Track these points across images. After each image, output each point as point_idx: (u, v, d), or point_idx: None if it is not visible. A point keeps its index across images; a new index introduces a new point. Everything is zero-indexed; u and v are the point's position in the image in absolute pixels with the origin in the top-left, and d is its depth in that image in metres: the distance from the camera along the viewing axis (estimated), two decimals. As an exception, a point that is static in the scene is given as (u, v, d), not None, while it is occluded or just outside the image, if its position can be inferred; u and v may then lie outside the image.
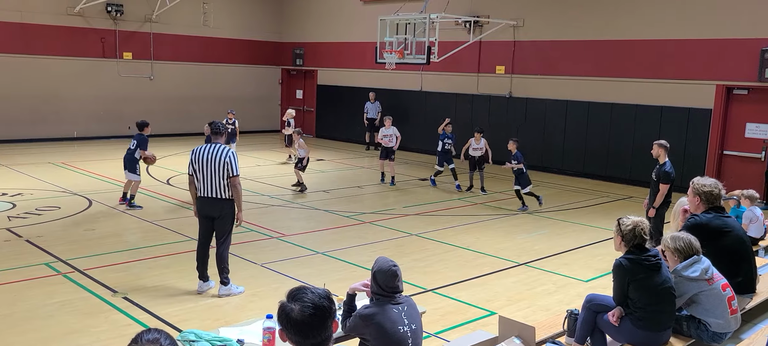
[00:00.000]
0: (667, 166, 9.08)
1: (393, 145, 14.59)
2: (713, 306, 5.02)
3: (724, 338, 5.11)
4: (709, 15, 14.66)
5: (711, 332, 5.04)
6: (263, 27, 24.61)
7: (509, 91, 18.32)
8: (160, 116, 22.02)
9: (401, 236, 10.32)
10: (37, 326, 6.29)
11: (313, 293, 2.73)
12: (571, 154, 17.08)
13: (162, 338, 2.31)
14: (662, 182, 9.03)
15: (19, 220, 10.39)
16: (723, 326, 5.03)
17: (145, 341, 2.29)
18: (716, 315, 5.01)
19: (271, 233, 10.25)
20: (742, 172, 14.34)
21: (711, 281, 5.05)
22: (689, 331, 5.10)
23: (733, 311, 5.09)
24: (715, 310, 5.02)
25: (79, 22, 20.05)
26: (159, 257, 8.74)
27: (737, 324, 5.17)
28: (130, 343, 2.30)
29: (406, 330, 4.09)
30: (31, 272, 7.87)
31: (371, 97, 20.55)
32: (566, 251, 9.73)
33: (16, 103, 19.29)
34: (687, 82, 15.06)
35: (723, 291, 5.07)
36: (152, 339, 2.30)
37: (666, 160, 9.14)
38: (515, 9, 17.90)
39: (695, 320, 5.08)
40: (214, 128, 7.45)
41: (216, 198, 7.15)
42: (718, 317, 5.01)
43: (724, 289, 5.09)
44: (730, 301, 5.07)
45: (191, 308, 6.91)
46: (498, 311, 6.60)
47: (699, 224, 5.71)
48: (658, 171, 9.16)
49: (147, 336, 2.31)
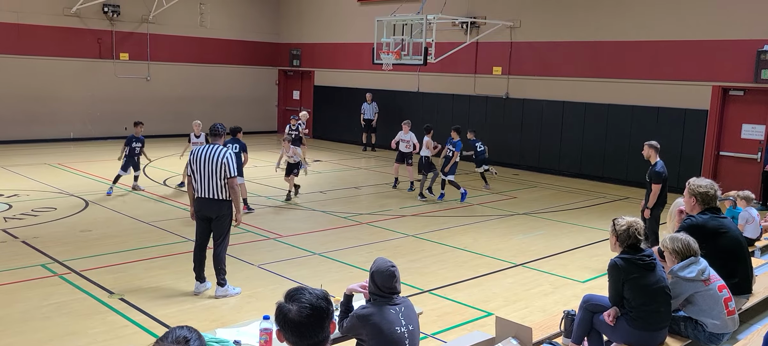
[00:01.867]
0: (658, 166, 9.12)
1: (411, 150, 13.97)
2: (709, 307, 5.03)
3: (721, 340, 5.12)
4: (705, 16, 14.70)
5: (707, 333, 5.05)
6: (260, 28, 24.60)
7: (506, 92, 18.34)
8: (157, 117, 22.01)
9: (398, 237, 10.32)
10: (33, 328, 6.27)
11: (311, 293, 2.73)
12: (567, 155, 17.10)
13: (192, 337, 2.28)
14: (653, 182, 9.07)
15: (15, 221, 10.36)
16: (719, 327, 5.04)
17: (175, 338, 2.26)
18: (712, 316, 5.02)
19: (268, 233, 10.24)
20: (738, 173, 14.38)
21: (707, 282, 5.07)
22: (686, 331, 5.12)
23: (730, 312, 5.09)
24: (712, 311, 5.03)
25: (75, 23, 20.02)
26: (155, 258, 8.73)
27: (735, 325, 5.18)
28: (159, 339, 2.27)
29: (404, 331, 4.09)
30: (27, 274, 7.85)
31: (368, 98, 20.56)
32: (563, 252, 9.74)
33: (12, 104, 19.25)
34: (683, 83, 15.09)
35: (719, 292, 5.08)
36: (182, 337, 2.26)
37: (657, 161, 9.16)
38: (512, 10, 17.92)
39: (692, 321, 5.10)
40: (213, 130, 7.46)
41: (214, 199, 7.15)
42: (715, 318, 5.02)
43: (721, 290, 5.10)
44: (726, 302, 5.08)
45: (188, 309, 6.91)
46: (495, 312, 6.61)
47: (695, 224, 5.72)
48: (650, 172, 9.20)
49: (177, 333, 2.28)
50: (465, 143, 13.85)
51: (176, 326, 2.33)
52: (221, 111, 22.28)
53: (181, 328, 2.32)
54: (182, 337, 2.26)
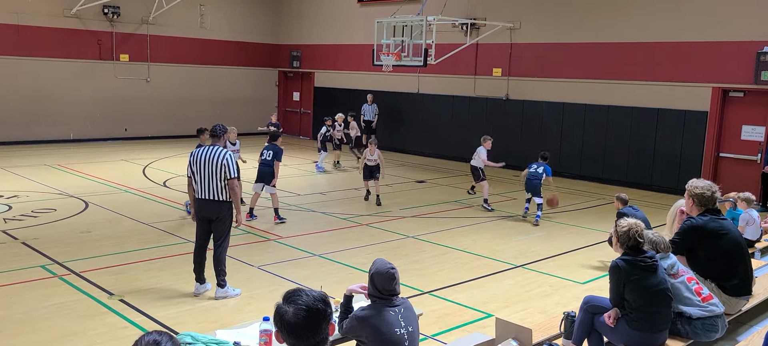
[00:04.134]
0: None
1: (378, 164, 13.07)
2: (681, 295, 5.14)
3: (716, 328, 5.17)
4: (705, 17, 14.70)
5: (695, 321, 5.11)
6: (260, 29, 24.61)
7: (506, 93, 18.34)
8: (157, 118, 22.06)
9: (398, 239, 10.31)
10: (32, 329, 6.27)
11: (308, 295, 2.72)
12: (567, 156, 17.09)
13: (163, 340, 2.29)
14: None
15: (15, 222, 10.36)
16: (703, 312, 5.10)
17: (145, 343, 2.27)
18: (687, 303, 5.13)
19: (268, 235, 10.24)
20: (739, 174, 14.38)
21: (676, 275, 5.19)
22: (682, 328, 5.14)
23: (706, 297, 5.19)
24: (685, 299, 5.14)
25: (75, 24, 20.02)
26: (155, 259, 8.72)
27: (719, 308, 5.23)
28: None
29: (403, 333, 4.08)
30: (26, 275, 7.85)
31: (369, 99, 20.53)
32: (563, 253, 9.74)
33: (12, 105, 19.24)
34: (683, 85, 15.10)
35: (688, 282, 5.23)
36: (152, 341, 2.28)
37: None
38: (512, 11, 17.92)
39: (679, 315, 5.14)
40: (213, 131, 7.46)
41: (214, 200, 7.15)
42: (690, 305, 5.12)
43: (690, 281, 5.25)
44: (698, 292, 5.20)
45: (188, 311, 6.90)
46: (495, 313, 6.60)
47: (695, 226, 5.72)
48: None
49: (146, 339, 2.30)
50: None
51: (146, 333, 2.34)
52: (221, 112, 22.31)
53: (150, 333, 2.33)
54: (152, 341, 2.27)
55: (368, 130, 20.58)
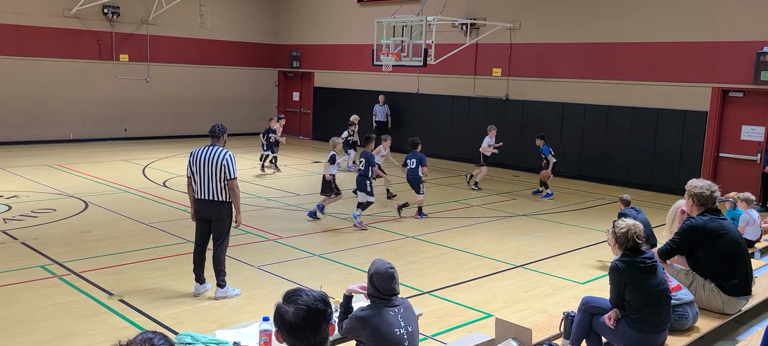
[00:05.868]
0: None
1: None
2: None
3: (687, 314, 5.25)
4: (705, 17, 14.70)
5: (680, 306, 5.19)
6: (260, 29, 24.61)
7: (506, 93, 18.34)
8: (157, 119, 22.06)
9: (398, 239, 10.32)
10: (32, 329, 6.27)
11: (308, 295, 2.72)
12: (567, 156, 17.09)
13: (156, 338, 2.29)
14: None
15: (15, 222, 10.36)
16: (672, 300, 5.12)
17: (138, 342, 2.27)
18: None
19: (268, 235, 10.24)
20: (738, 174, 14.38)
21: None
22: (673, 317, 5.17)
23: (674, 288, 5.24)
24: None
25: (75, 24, 20.02)
26: (155, 259, 8.72)
27: (690, 296, 5.34)
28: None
29: (403, 333, 4.09)
30: (26, 275, 7.85)
31: (381, 99, 20.40)
32: (562, 253, 9.74)
33: (11, 105, 19.24)
34: (683, 85, 15.10)
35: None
36: (145, 339, 2.28)
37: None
38: (512, 11, 17.93)
39: None
40: (212, 131, 7.44)
41: (213, 200, 7.15)
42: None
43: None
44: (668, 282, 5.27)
45: (188, 311, 6.90)
46: (494, 314, 6.60)
47: (695, 226, 5.72)
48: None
49: (140, 337, 2.30)
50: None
51: (140, 333, 2.34)
52: (221, 112, 22.32)
53: (145, 332, 2.33)
54: (146, 339, 2.27)
55: (381, 130, 20.48)
